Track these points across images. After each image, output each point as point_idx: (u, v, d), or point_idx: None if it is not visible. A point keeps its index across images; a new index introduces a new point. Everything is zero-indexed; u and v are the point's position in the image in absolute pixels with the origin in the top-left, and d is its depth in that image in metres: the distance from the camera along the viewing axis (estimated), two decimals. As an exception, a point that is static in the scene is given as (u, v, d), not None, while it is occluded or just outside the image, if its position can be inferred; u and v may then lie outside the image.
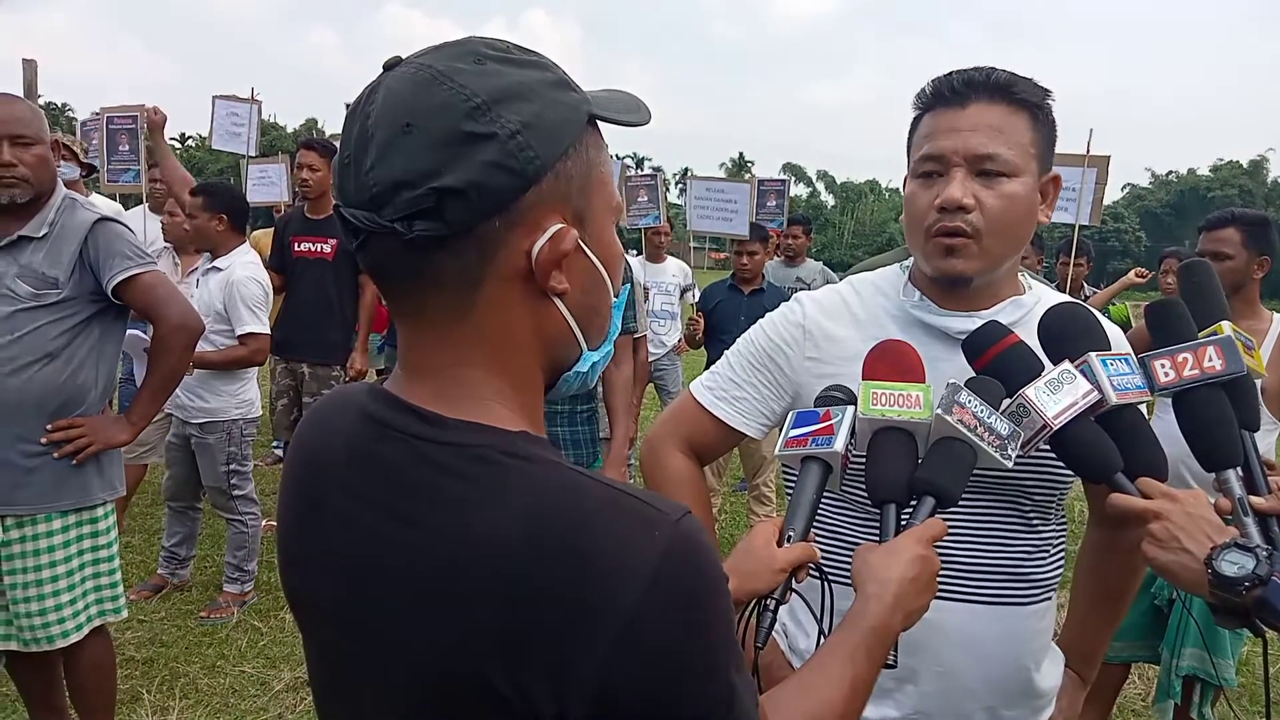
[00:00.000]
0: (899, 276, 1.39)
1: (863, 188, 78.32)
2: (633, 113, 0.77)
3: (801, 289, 1.56)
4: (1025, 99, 1.24)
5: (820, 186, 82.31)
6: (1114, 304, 5.40)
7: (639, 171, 7.36)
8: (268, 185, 7.20)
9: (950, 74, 1.28)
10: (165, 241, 4.65)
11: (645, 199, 6.79)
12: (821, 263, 6.45)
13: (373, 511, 0.71)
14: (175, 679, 3.38)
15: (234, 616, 3.90)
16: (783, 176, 7.51)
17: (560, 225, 0.70)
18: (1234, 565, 1.01)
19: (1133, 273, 5.59)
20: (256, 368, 4.03)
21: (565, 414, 2.88)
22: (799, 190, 75.24)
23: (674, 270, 6.27)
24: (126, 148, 6.15)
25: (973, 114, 1.23)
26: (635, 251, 6.47)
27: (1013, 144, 1.23)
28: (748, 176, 7.37)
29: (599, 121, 0.74)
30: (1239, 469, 1.17)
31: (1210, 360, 1.17)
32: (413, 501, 0.69)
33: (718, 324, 4.95)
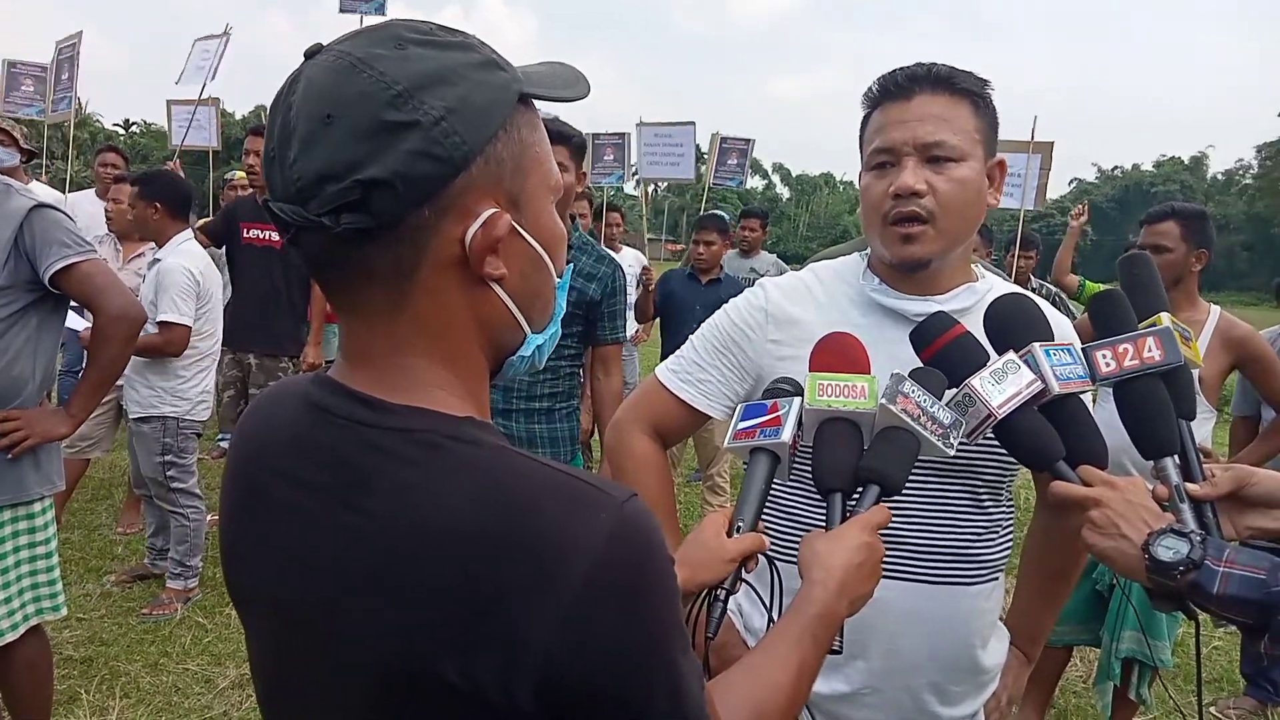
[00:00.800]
0: (859, 264, 1.44)
1: (818, 180, 78.97)
2: (569, 87, 0.76)
3: (756, 280, 1.58)
4: (966, 88, 1.31)
5: (776, 179, 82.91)
6: (1086, 283, 5.43)
7: (608, 131, 7.27)
8: (197, 129, 7.13)
9: (895, 71, 1.34)
10: (109, 229, 4.53)
11: (611, 158, 6.72)
12: (776, 255, 6.49)
13: (318, 500, 0.70)
14: (115, 678, 3.30)
15: (177, 613, 3.81)
16: (748, 136, 7.46)
17: (493, 210, 0.69)
18: (1169, 550, 1.03)
19: (1070, 220, 5.62)
20: (209, 366, 3.93)
21: (544, 411, 2.81)
22: (755, 182, 75.62)
23: (630, 260, 6.25)
24: (30, 88, 6.44)
25: (918, 105, 1.29)
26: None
27: (958, 130, 1.29)
28: (712, 133, 7.26)
29: (534, 100, 0.73)
30: (1176, 457, 1.20)
31: (1150, 351, 1.20)
32: (358, 488, 0.67)
33: (673, 314, 4.96)
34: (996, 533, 1.38)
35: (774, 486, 1.20)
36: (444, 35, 0.69)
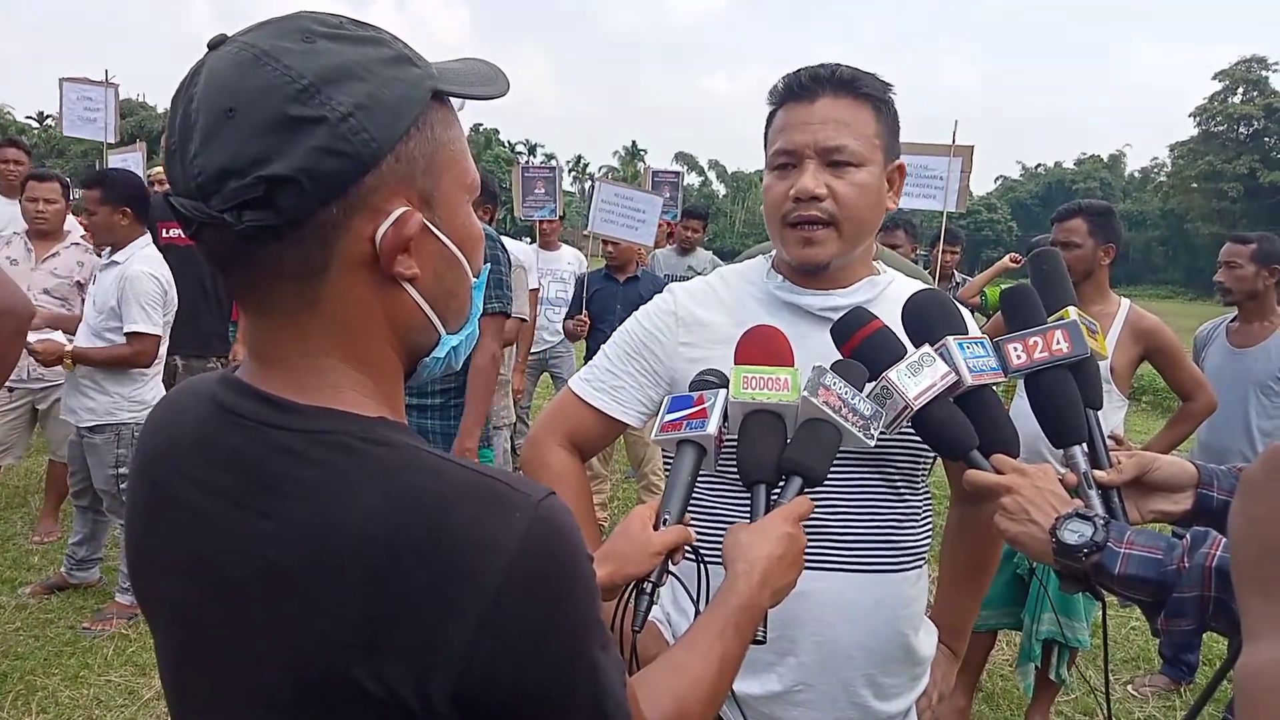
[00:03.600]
0: (763, 265, 1.47)
1: (753, 177, 79.62)
2: (487, 85, 0.75)
3: (691, 278, 1.60)
4: (868, 93, 1.32)
5: (712, 176, 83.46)
6: (986, 291, 5.62)
7: (536, 162, 7.26)
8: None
9: (800, 71, 1.35)
10: (37, 228, 4.33)
11: (542, 191, 6.69)
12: (711, 252, 6.54)
13: (224, 504, 0.68)
14: (32, 693, 3.17)
15: (116, 628, 3.64)
16: (677, 168, 7.54)
17: (404, 209, 0.68)
18: (1075, 534, 1.08)
19: (1007, 258, 5.82)
20: (158, 369, 3.77)
21: (437, 407, 2.78)
22: (691, 179, 75.95)
23: (569, 258, 6.24)
24: None
25: (820, 108, 1.31)
26: (529, 239, 6.39)
27: (858, 135, 1.31)
28: (642, 167, 7.32)
29: (450, 98, 0.72)
30: (1084, 445, 1.25)
31: (1058, 343, 1.24)
32: (266, 492, 0.66)
33: (596, 313, 4.98)
34: (916, 520, 1.41)
35: (700, 479, 1.21)
36: (354, 29, 0.68)
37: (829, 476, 1.18)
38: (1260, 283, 3.46)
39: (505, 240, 4.61)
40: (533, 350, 5.58)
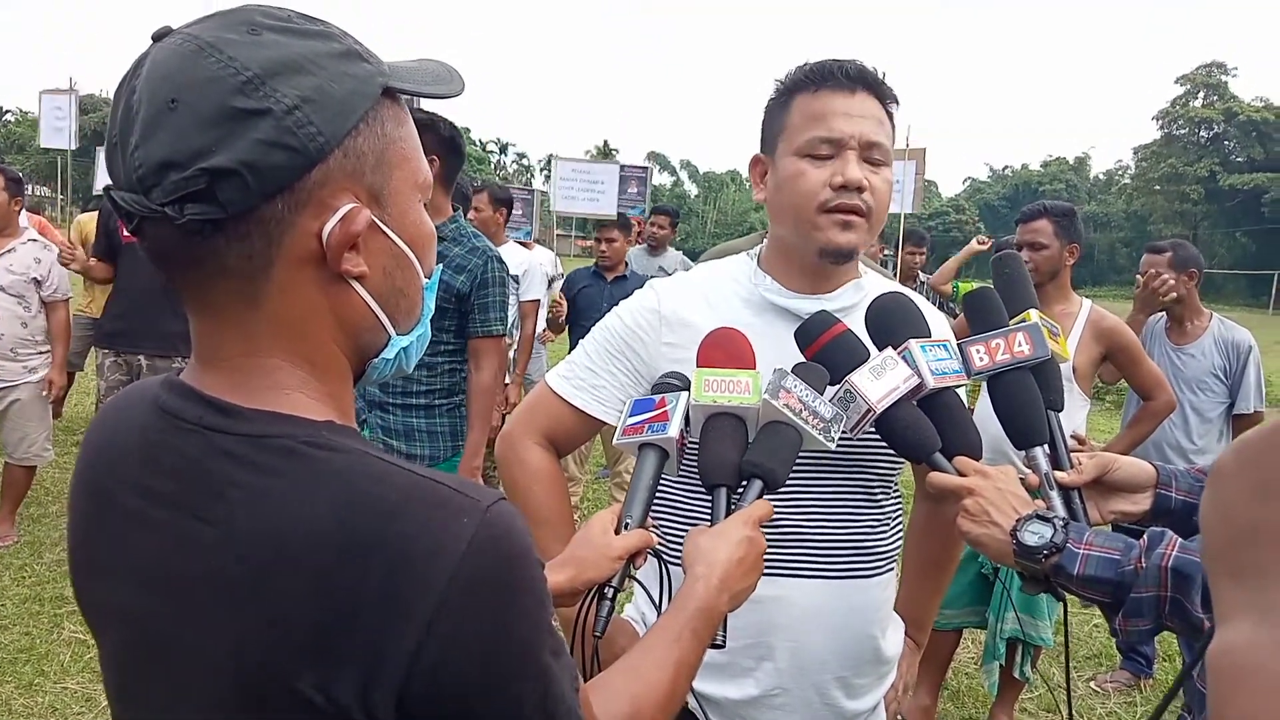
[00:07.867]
0: (749, 263, 1.44)
1: (724, 178, 79.95)
2: (440, 84, 0.74)
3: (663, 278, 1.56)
4: (890, 99, 1.35)
5: (684, 175, 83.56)
6: (959, 285, 5.66)
7: (520, 185, 7.18)
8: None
9: (840, 62, 1.33)
10: None
11: (519, 213, 6.65)
12: (682, 253, 6.54)
13: (166, 510, 0.67)
14: (-16, 701, 3.10)
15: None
16: (645, 164, 7.50)
17: (352, 205, 0.67)
18: (1035, 535, 1.08)
19: (974, 240, 5.86)
20: None
21: (423, 407, 2.78)
22: (662, 179, 76.07)
23: (541, 259, 6.21)
24: None
25: (860, 102, 1.31)
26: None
27: (887, 136, 1.33)
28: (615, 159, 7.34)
29: (402, 95, 0.71)
30: (1045, 446, 1.26)
31: (1020, 346, 1.25)
32: (209, 498, 0.65)
33: (580, 311, 4.95)
34: (888, 524, 1.41)
35: (663, 482, 1.20)
36: (303, 23, 0.67)
37: (806, 482, 1.16)
38: (1182, 287, 3.55)
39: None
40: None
